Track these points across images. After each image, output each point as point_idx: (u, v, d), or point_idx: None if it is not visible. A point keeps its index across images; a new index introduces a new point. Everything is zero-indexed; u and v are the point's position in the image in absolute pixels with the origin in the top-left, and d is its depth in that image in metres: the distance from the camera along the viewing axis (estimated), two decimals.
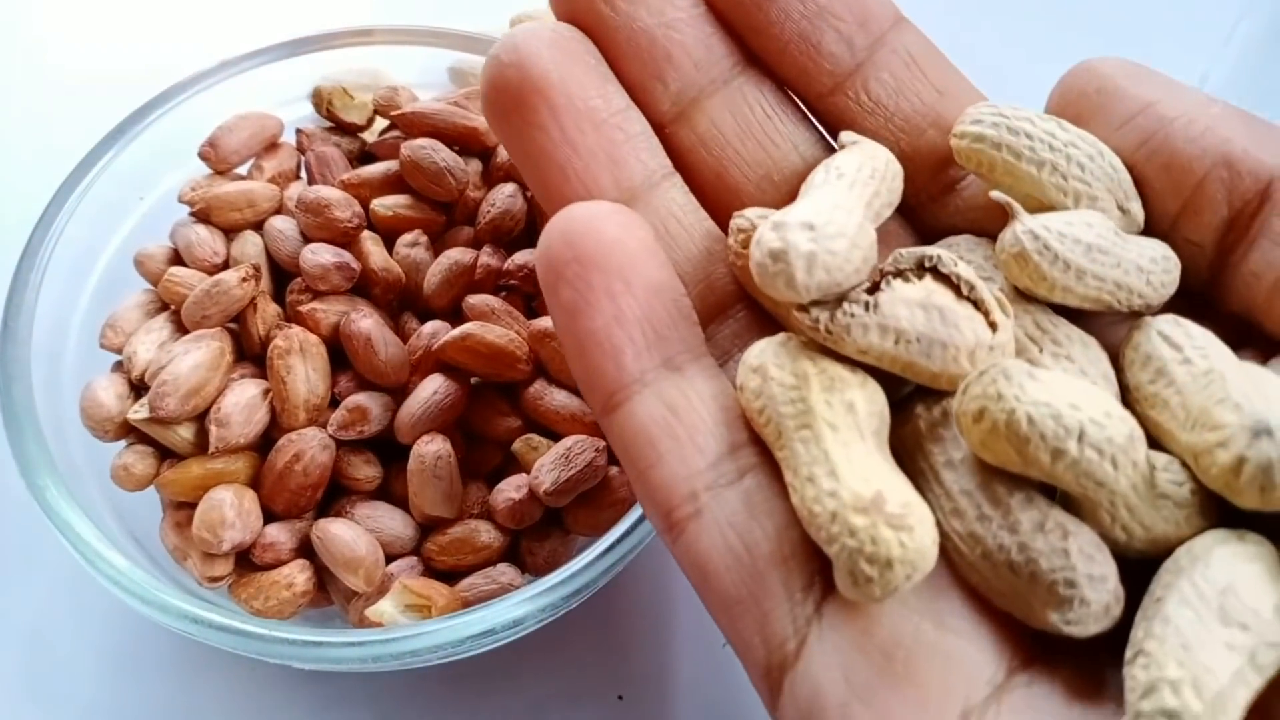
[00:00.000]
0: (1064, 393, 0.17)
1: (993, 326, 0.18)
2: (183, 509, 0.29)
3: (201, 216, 0.33)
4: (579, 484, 0.28)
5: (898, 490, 0.16)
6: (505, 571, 0.29)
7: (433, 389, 0.30)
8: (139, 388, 0.31)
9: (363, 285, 0.31)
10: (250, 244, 0.32)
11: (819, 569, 0.17)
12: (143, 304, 0.32)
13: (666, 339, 0.19)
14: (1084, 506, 0.17)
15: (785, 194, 0.21)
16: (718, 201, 0.21)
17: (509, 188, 0.33)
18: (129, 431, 0.30)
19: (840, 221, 0.18)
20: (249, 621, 0.26)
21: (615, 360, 0.18)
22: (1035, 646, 0.17)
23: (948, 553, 0.17)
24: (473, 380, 0.31)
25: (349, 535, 0.28)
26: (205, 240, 0.32)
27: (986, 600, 0.17)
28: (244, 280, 0.31)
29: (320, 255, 0.30)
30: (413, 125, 0.33)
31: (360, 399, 0.30)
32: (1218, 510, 0.17)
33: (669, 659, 0.32)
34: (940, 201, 0.21)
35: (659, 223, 0.20)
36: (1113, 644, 0.17)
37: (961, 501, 0.17)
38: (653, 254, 0.19)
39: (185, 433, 0.29)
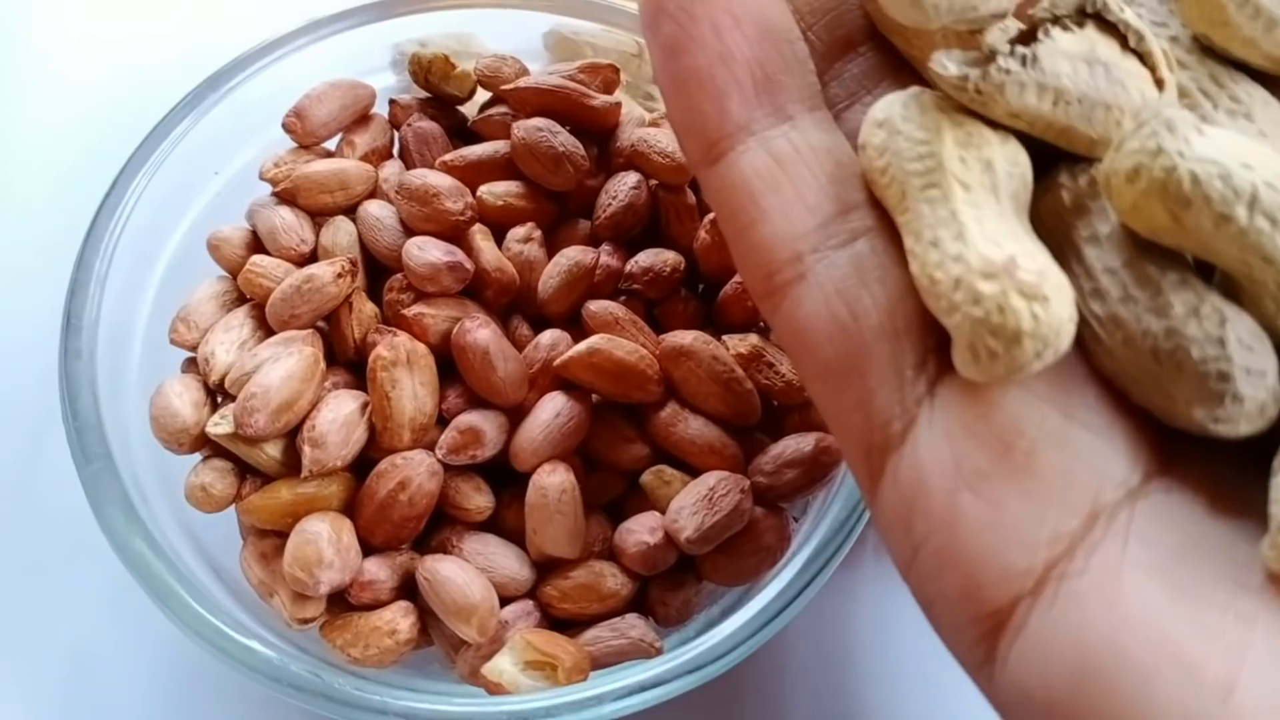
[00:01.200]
0: (1235, 151, 0.14)
1: (1159, 84, 0.16)
2: (267, 537, 0.26)
3: (286, 198, 0.29)
4: (724, 530, 0.25)
5: (1033, 256, 0.14)
6: (635, 625, 0.25)
7: (554, 410, 0.26)
8: (216, 392, 0.27)
9: (471, 285, 0.28)
10: (343, 232, 0.28)
11: (934, 346, 0.15)
12: (218, 294, 0.29)
13: (778, 84, 0.17)
14: (1244, 291, 0.15)
15: None
16: None
17: (632, 177, 0.29)
18: (205, 443, 0.27)
19: None
20: (363, 688, 0.23)
21: (719, 104, 0.16)
22: (1175, 450, 0.15)
23: (1084, 339, 0.15)
24: (594, 398, 0.27)
25: (462, 578, 0.25)
26: (292, 226, 0.28)
27: (1124, 395, 0.15)
28: (339, 276, 0.27)
29: (429, 252, 0.27)
30: (524, 102, 0.29)
31: (473, 419, 0.26)
32: None
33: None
34: None
35: None
36: (1260, 451, 0.15)
37: (1104, 280, 0.15)
38: None
39: (272, 450, 0.26)
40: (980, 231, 0.15)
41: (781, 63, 0.17)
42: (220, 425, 0.26)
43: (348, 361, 0.28)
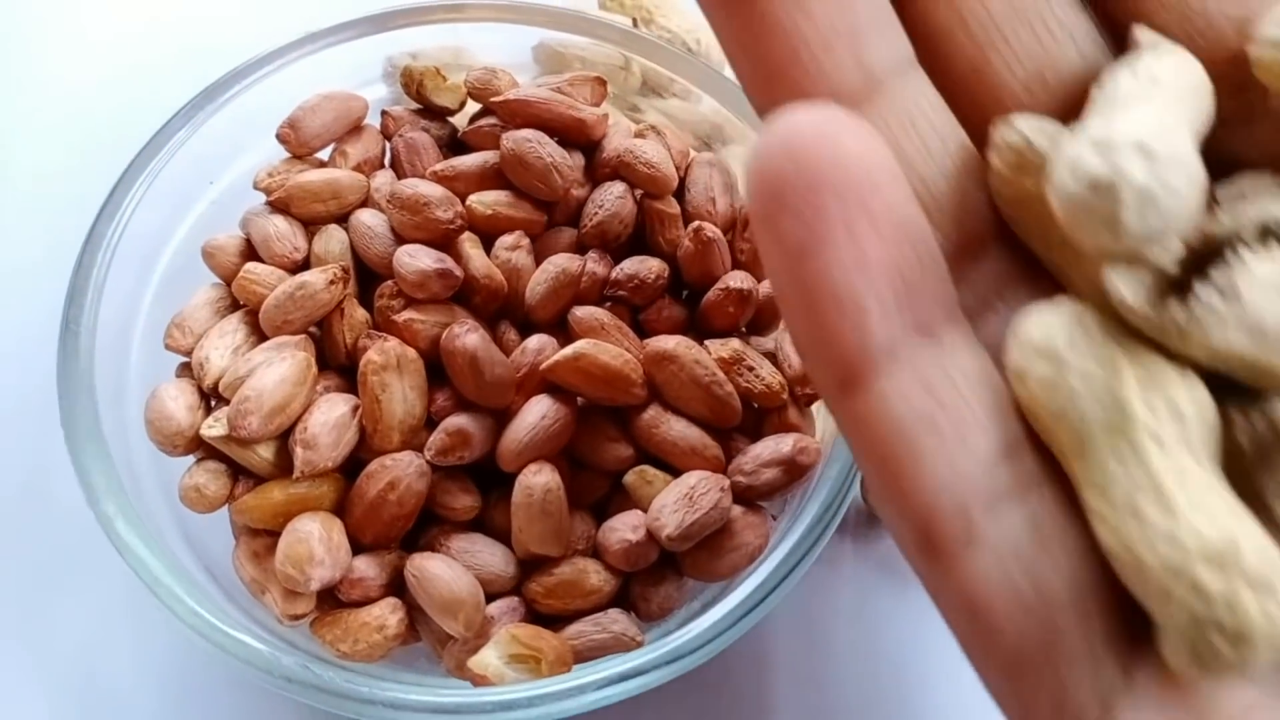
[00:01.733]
0: None
1: None
2: (259, 536, 0.27)
3: (280, 206, 0.30)
4: (704, 528, 0.26)
5: (1253, 536, 0.12)
6: (617, 619, 0.26)
7: (540, 413, 0.27)
8: (210, 396, 0.28)
9: (460, 291, 0.28)
10: (335, 240, 0.29)
11: (1125, 618, 0.14)
12: (212, 301, 0.29)
13: (918, 295, 0.14)
14: None
15: (1060, 101, 0.16)
16: (970, 103, 0.16)
17: (618, 187, 0.30)
18: (199, 445, 0.27)
19: (1175, 146, 0.13)
20: (350, 680, 0.23)
21: (857, 323, 0.14)
22: None
23: None
24: (579, 401, 0.28)
25: (448, 575, 0.25)
26: (285, 234, 0.29)
27: None
28: (332, 283, 0.28)
29: (419, 259, 0.27)
30: (514, 114, 0.30)
31: (460, 421, 0.27)
32: None
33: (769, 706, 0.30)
34: (1235, 128, 0.16)
35: (906, 124, 0.15)
36: None
37: None
38: (898, 182, 0.14)
39: (265, 452, 0.27)
40: (1189, 503, 0.13)
41: (919, 267, 0.14)
42: (214, 428, 0.27)
43: (339, 366, 0.28)
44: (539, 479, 0.26)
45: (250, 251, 0.30)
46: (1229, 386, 0.14)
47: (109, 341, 0.28)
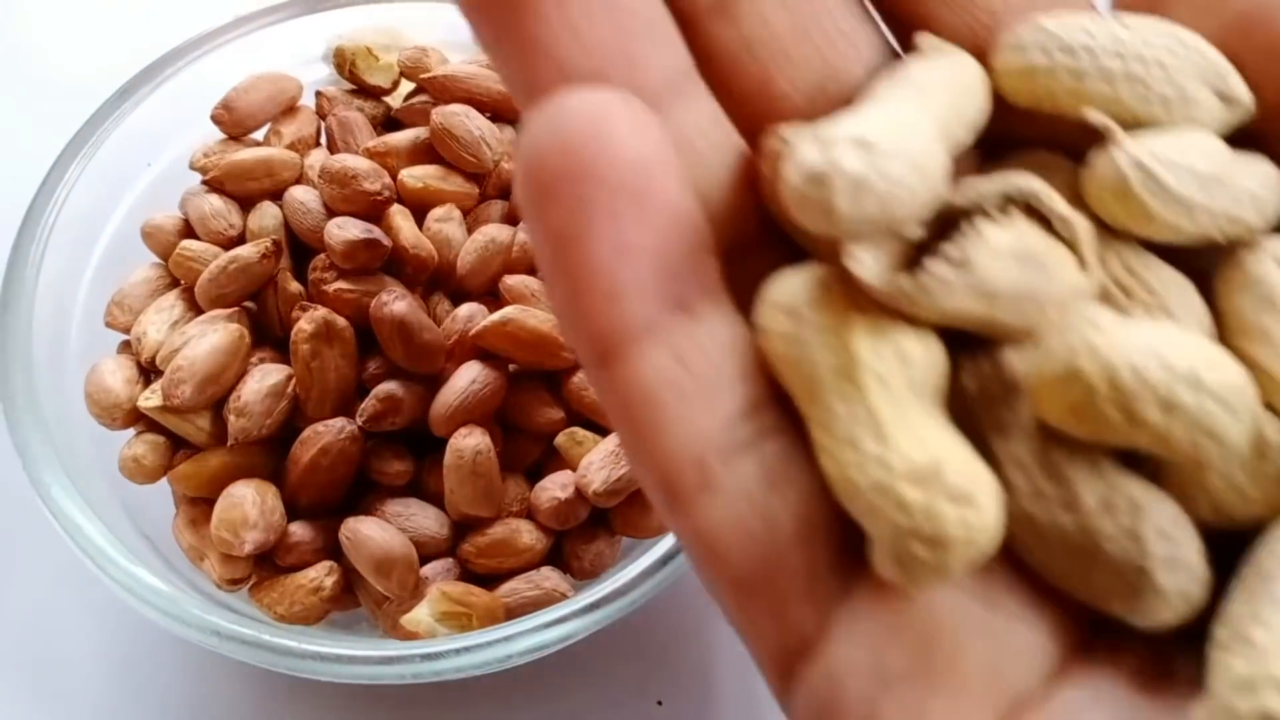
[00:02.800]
0: (1160, 335, 0.14)
1: (1083, 265, 0.15)
2: (198, 504, 0.27)
3: (215, 185, 0.30)
4: (631, 483, 0.26)
5: (960, 458, 0.14)
6: (549, 576, 0.27)
7: (470, 378, 0.27)
8: (149, 371, 0.29)
9: (391, 263, 0.29)
10: (269, 216, 0.30)
11: (847, 543, 0.15)
12: (151, 279, 0.30)
13: (680, 276, 0.15)
14: (1177, 476, 0.15)
15: (840, 109, 0.17)
16: (754, 115, 0.17)
17: None
18: (139, 419, 0.28)
19: (902, 139, 0.14)
20: (277, 634, 0.24)
21: (615, 303, 0.14)
22: (1098, 627, 0.15)
23: (1028, 525, 0.15)
24: (511, 368, 0.28)
25: (381, 536, 0.26)
26: (220, 211, 0.30)
27: (1041, 577, 0.15)
28: (264, 256, 0.28)
29: (348, 230, 0.28)
30: (444, 90, 0.31)
31: (391, 387, 0.27)
32: None
33: (710, 663, 0.30)
34: (1027, 117, 0.17)
35: (683, 140, 0.16)
36: (1186, 626, 0.15)
37: (1014, 475, 0.14)
38: (670, 165, 0.14)
39: (201, 422, 0.27)
40: (903, 431, 0.14)
41: (685, 250, 0.15)
42: (151, 399, 0.27)
43: (275, 339, 0.29)
44: (469, 441, 0.27)
45: (188, 231, 0.30)
46: (961, 335, 0.15)
47: (47, 320, 0.28)
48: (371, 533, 0.26)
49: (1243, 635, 0.13)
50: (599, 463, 0.26)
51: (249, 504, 0.26)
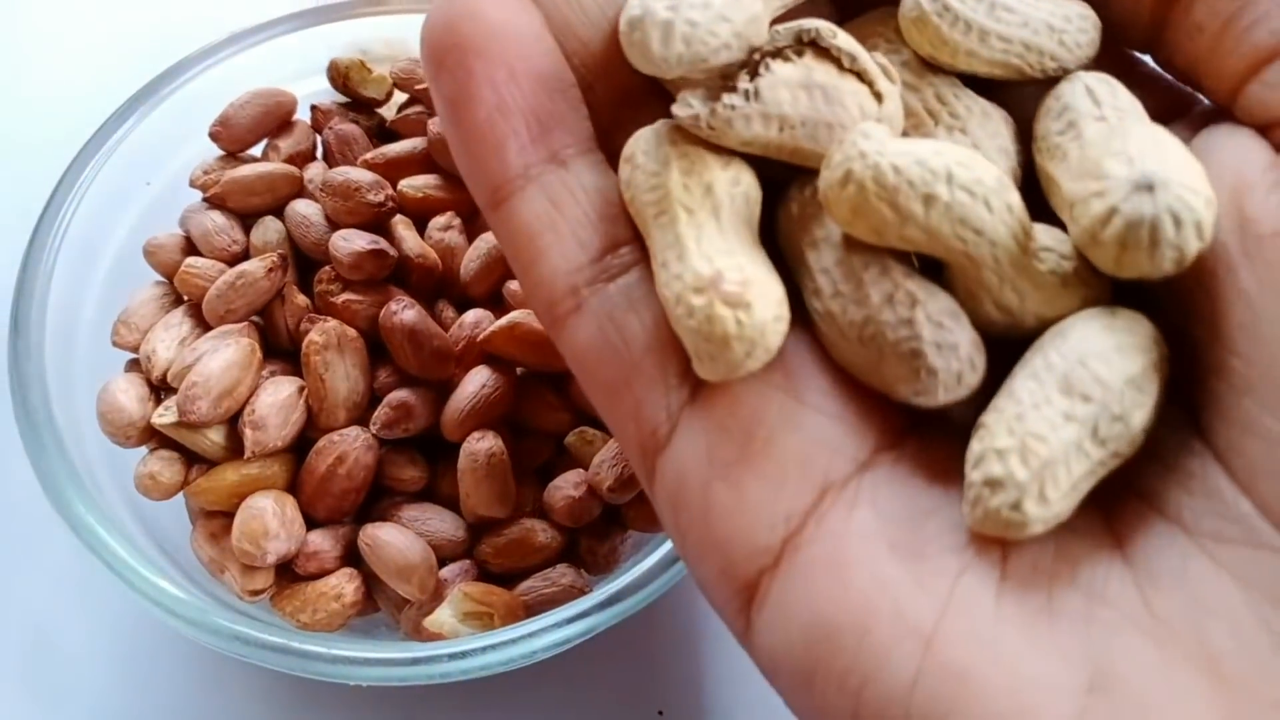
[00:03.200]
0: (926, 145, 0.16)
1: (878, 97, 0.17)
2: (215, 518, 0.28)
3: (216, 202, 0.31)
4: None
5: (740, 269, 0.16)
6: (565, 573, 0.27)
7: (480, 382, 0.28)
8: (159, 388, 0.29)
9: (397, 272, 0.29)
10: (272, 230, 0.30)
11: None
12: (156, 297, 0.30)
13: (553, 131, 0.18)
14: (961, 277, 0.16)
15: None
16: None
17: None
18: (152, 436, 0.28)
19: None
20: (306, 640, 0.24)
21: (498, 154, 0.18)
22: (905, 426, 0.17)
23: (816, 332, 0.17)
24: (518, 371, 0.29)
25: (401, 541, 0.26)
26: (223, 228, 0.30)
27: (856, 380, 0.17)
28: (271, 270, 0.29)
29: (353, 242, 0.28)
30: None
31: (403, 395, 0.28)
32: (1101, 289, 0.17)
33: (711, 672, 0.31)
34: None
35: (563, 3, 0.19)
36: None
37: (820, 280, 0.17)
38: (539, 39, 0.18)
39: (216, 436, 0.28)
40: (696, 250, 0.16)
41: (556, 111, 0.18)
42: (165, 416, 0.27)
43: (283, 351, 0.29)
44: (482, 444, 0.27)
45: (190, 247, 0.31)
46: (801, 172, 0.18)
47: (56, 341, 0.29)
48: (391, 538, 0.26)
49: (981, 421, 0.16)
50: (610, 460, 0.27)
51: (269, 515, 0.26)
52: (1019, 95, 0.18)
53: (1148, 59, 0.19)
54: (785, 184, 0.18)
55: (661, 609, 0.31)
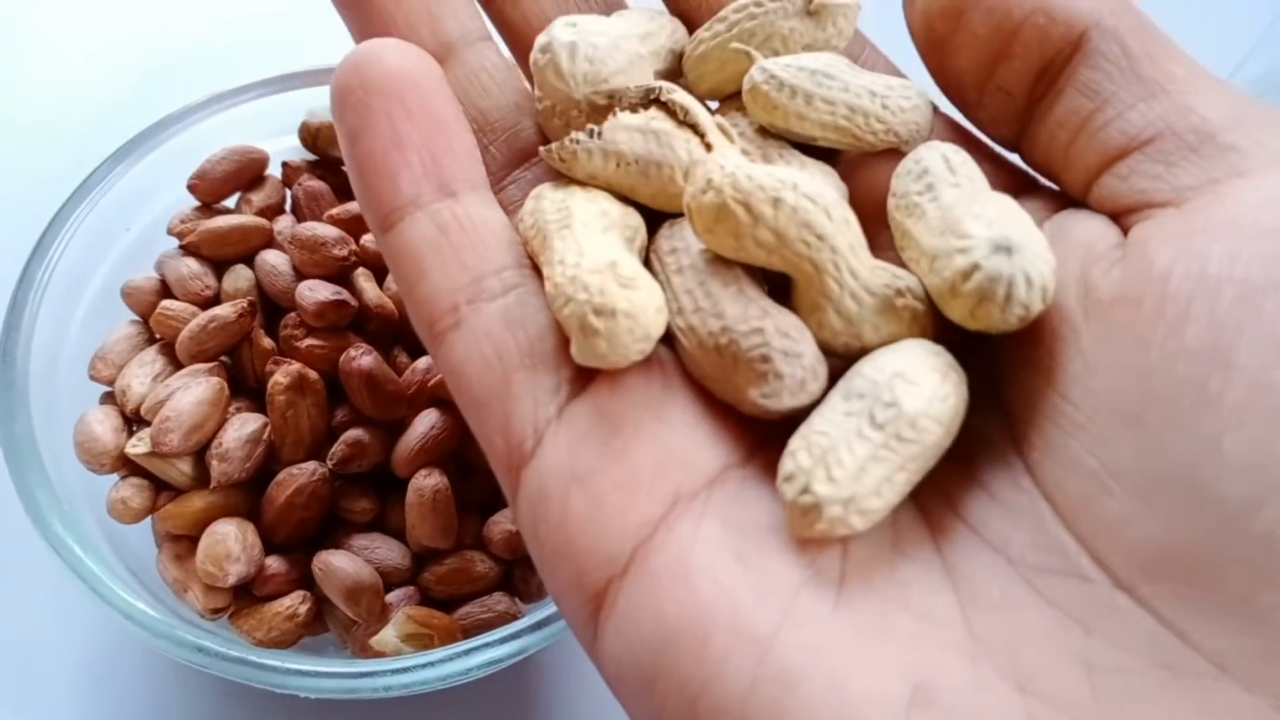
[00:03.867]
0: (767, 167, 0.18)
1: (707, 147, 0.19)
2: (181, 541, 0.30)
3: (191, 249, 0.33)
4: None
5: (633, 264, 0.18)
6: (501, 600, 0.30)
7: (429, 423, 0.31)
8: (133, 420, 0.31)
9: (356, 320, 0.32)
10: (242, 278, 0.33)
11: (567, 377, 0.18)
12: (131, 336, 0.33)
13: (444, 166, 0.19)
14: (806, 290, 0.18)
15: None
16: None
17: None
18: (124, 464, 0.31)
19: (603, 25, 0.20)
20: (262, 654, 0.27)
21: (390, 183, 0.19)
22: (757, 443, 0.18)
23: (677, 349, 0.18)
24: None
25: (351, 567, 0.29)
26: (197, 273, 0.33)
27: (713, 398, 0.18)
28: (241, 315, 0.31)
29: (318, 292, 0.31)
30: None
31: (358, 434, 0.31)
32: (927, 326, 0.18)
33: None
34: None
35: (472, 76, 0.21)
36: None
37: (684, 300, 0.18)
38: (437, 87, 0.20)
39: (184, 467, 0.30)
40: (594, 247, 0.18)
41: (448, 148, 0.19)
42: (138, 446, 0.30)
43: (249, 390, 0.32)
44: (429, 481, 0.30)
45: (165, 290, 0.33)
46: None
47: (40, 374, 0.31)
48: (341, 564, 0.29)
49: (787, 448, 0.17)
50: None
51: (231, 540, 0.29)
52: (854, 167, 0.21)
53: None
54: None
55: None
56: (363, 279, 0.33)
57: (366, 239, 0.33)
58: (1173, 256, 0.16)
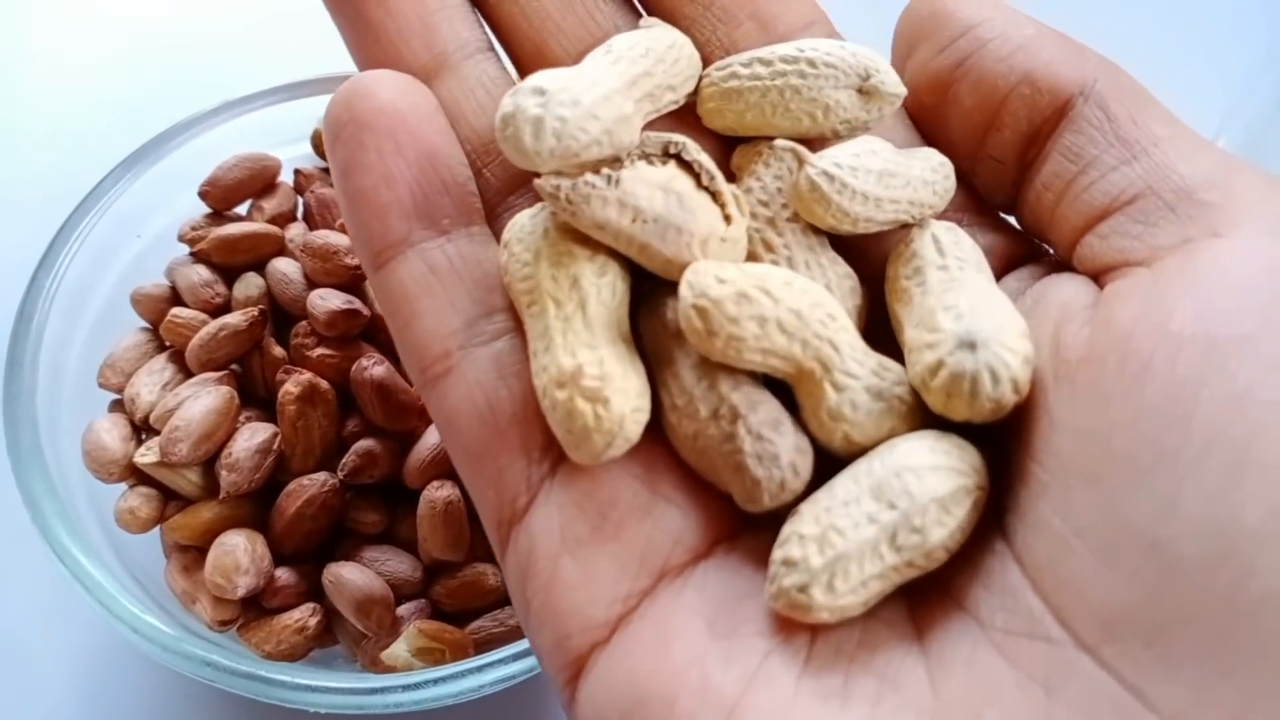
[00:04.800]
0: (754, 271, 0.17)
1: (727, 219, 0.18)
2: (189, 552, 0.30)
3: (202, 256, 0.33)
4: None
5: (598, 364, 0.17)
6: (513, 614, 0.30)
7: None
8: (141, 429, 0.31)
9: (367, 330, 0.32)
10: (253, 285, 0.33)
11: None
12: (140, 344, 0.33)
13: (436, 204, 0.19)
14: (800, 393, 0.18)
15: None
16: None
17: None
18: (132, 473, 0.30)
19: (577, 90, 0.17)
20: (272, 669, 0.26)
21: (381, 220, 0.19)
22: (745, 520, 0.18)
23: (668, 431, 0.18)
24: None
25: (361, 579, 0.29)
26: (208, 281, 0.32)
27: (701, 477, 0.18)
28: (251, 323, 0.31)
29: (330, 300, 0.31)
30: None
31: (369, 445, 0.30)
32: (926, 417, 0.18)
33: None
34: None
35: (468, 92, 0.20)
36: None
37: (671, 387, 0.18)
38: (430, 121, 0.19)
39: (193, 476, 0.30)
40: (561, 344, 0.17)
41: (439, 185, 0.19)
42: (147, 455, 0.30)
43: (259, 399, 0.32)
44: (440, 493, 0.30)
45: (175, 298, 0.33)
46: (662, 285, 0.18)
47: (45, 382, 0.31)
48: (352, 576, 0.29)
49: (799, 508, 0.17)
50: None
51: (240, 551, 0.28)
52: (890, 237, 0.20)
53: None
54: (655, 292, 0.19)
55: None
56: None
57: None
58: (1137, 313, 0.16)
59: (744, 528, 0.18)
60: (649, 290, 0.19)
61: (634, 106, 0.18)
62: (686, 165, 0.18)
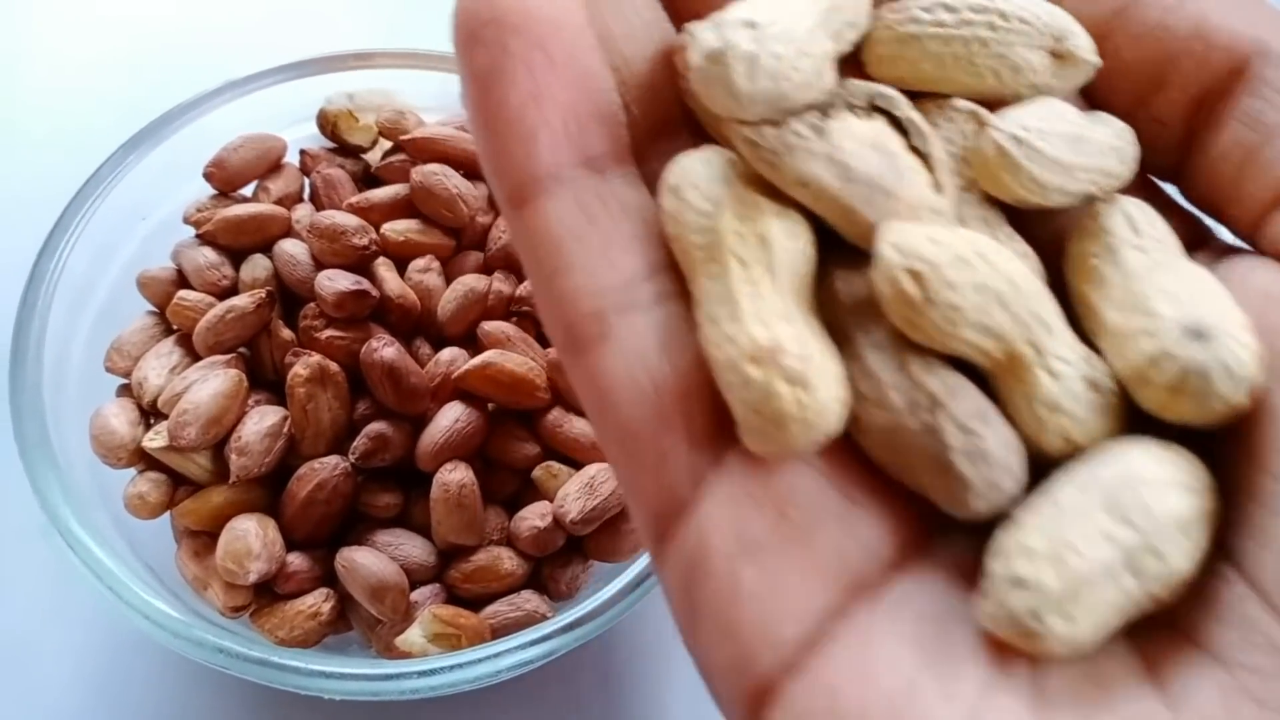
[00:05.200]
0: (964, 237, 0.15)
1: (937, 186, 0.16)
2: (199, 537, 0.29)
3: (208, 238, 0.32)
4: (604, 513, 0.29)
5: (799, 340, 0.15)
6: (529, 599, 0.29)
7: (454, 417, 0.30)
8: (149, 413, 0.31)
9: (377, 311, 0.31)
10: (260, 267, 0.32)
11: (726, 413, 0.15)
12: (147, 327, 0.32)
13: (589, 134, 0.16)
14: (1014, 382, 0.15)
15: None
16: (687, 11, 0.18)
17: None
18: (141, 458, 0.30)
19: (786, 23, 0.15)
20: (285, 655, 0.26)
21: (527, 146, 0.16)
22: (943, 523, 0.16)
23: (852, 421, 0.16)
24: (490, 407, 0.31)
25: (375, 564, 0.28)
26: (214, 263, 0.32)
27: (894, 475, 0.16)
28: (259, 306, 0.31)
29: (338, 281, 0.30)
30: (422, 150, 0.33)
31: (381, 427, 0.30)
32: (1139, 420, 0.15)
33: (668, 694, 0.33)
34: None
35: (618, 12, 0.17)
36: None
37: (862, 384, 0.15)
38: (582, 34, 0.16)
39: (202, 460, 0.29)
40: (752, 312, 0.15)
41: (595, 112, 0.16)
42: (155, 440, 0.29)
43: (268, 382, 0.31)
44: (454, 475, 0.29)
45: (181, 281, 0.33)
46: (842, 248, 0.16)
47: (51, 368, 0.30)
48: (366, 561, 0.28)
49: (1016, 516, 0.15)
50: (575, 494, 0.29)
51: (252, 536, 0.28)
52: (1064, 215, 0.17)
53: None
54: (821, 264, 0.16)
55: (619, 634, 0.33)
56: (383, 269, 0.32)
57: (387, 228, 0.32)
58: None
59: (941, 531, 0.16)
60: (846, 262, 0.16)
61: (832, 45, 0.16)
62: (894, 121, 0.16)
